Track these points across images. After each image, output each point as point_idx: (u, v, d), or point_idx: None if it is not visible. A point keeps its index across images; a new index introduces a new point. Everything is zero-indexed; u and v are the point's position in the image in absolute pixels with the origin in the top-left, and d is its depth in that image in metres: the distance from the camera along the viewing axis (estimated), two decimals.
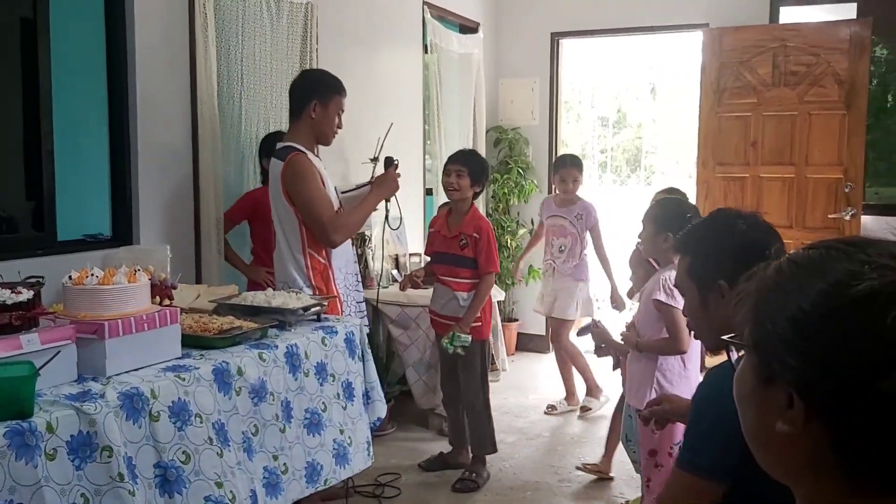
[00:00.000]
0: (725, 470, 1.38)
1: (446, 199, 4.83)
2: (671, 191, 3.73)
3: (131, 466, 1.94)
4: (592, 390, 4.90)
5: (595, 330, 3.21)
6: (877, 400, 0.66)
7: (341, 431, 2.75)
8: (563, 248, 4.89)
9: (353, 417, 2.83)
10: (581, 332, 3.49)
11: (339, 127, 3.25)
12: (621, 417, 3.80)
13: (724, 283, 1.56)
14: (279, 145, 3.19)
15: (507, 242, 6.08)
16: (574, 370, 4.94)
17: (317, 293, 3.13)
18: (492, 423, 3.90)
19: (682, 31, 6.06)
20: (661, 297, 2.94)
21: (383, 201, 3.38)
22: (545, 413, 4.87)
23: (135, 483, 1.93)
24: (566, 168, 4.88)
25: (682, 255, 1.69)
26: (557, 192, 5.04)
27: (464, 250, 3.77)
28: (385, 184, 3.31)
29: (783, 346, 0.73)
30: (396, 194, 3.43)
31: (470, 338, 3.71)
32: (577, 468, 3.91)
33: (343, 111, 3.24)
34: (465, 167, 3.78)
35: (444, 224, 3.91)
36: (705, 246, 1.64)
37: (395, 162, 3.37)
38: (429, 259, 4.07)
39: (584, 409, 4.86)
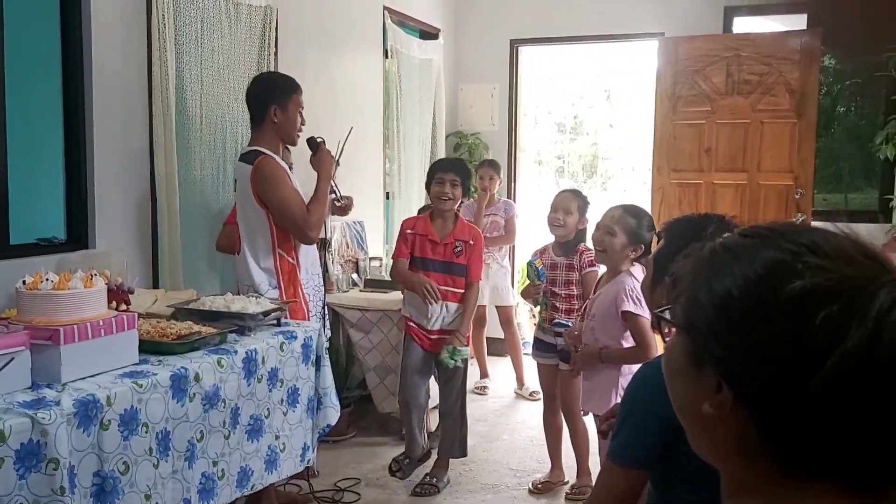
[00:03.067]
0: (642, 458, 1.43)
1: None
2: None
3: (72, 477, 1.93)
4: (518, 382, 5.41)
5: (568, 332, 3.24)
6: (805, 395, 0.67)
7: (276, 437, 2.76)
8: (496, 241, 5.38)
9: (292, 424, 2.83)
10: (557, 327, 3.58)
11: (303, 124, 3.29)
12: (553, 426, 3.84)
13: (668, 280, 1.62)
14: (245, 149, 3.24)
15: None
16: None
17: (284, 294, 3.14)
18: (465, 429, 3.90)
19: (638, 39, 6.15)
20: (630, 307, 2.92)
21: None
22: (474, 391, 5.25)
23: (73, 495, 1.92)
24: (484, 168, 5.39)
25: (661, 235, 1.75)
26: (478, 191, 5.36)
27: (459, 258, 3.72)
28: (325, 164, 3.29)
29: (713, 334, 0.74)
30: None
31: (469, 349, 3.78)
32: (531, 491, 3.83)
33: (303, 108, 3.27)
34: (459, 177, 3.74)
35: (429, 229, 3.76)
36: (674, 238, 1.69)
37: (319, 140, 3.34)
38: (402, 258, 3.80)
39: (482, 388, 5.41)
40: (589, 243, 3.66)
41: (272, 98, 3.18)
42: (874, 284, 0.68)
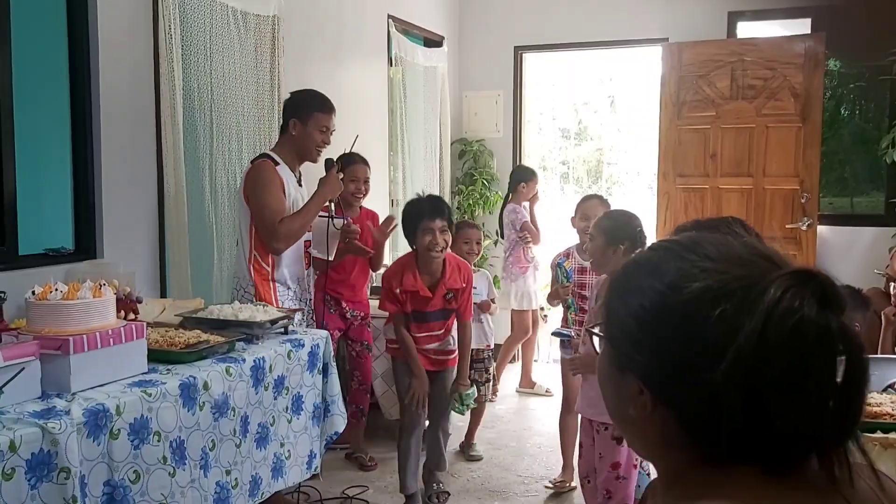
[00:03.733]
0: None
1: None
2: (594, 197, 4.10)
3: (83, 486, 1.93)
4: (526, 379, 5.50)
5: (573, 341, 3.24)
6: (712, 389, 0.72)
7: (281, 445, 2.76)
8: (530, 246, 5.37)
9: (297, 431, 2.84)
10: (559, 336, 3.66)
11: (325, 143, 3.34)
12: (568, 426, 3.84)
13: None
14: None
15: None
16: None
17: (255, 297, 3.19)
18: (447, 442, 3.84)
19: (641, 45, 6.16)
20: None
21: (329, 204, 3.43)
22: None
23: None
24: (537, 177, 5.42)
25: None
26: (523, 199, 5.35)
27: (451, 304, 3.53)
28: (328, 185, 3.32)
29: (630, 342, 0.81)
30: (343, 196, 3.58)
31: (474, 389, 3.75)
32: (546, 486, 3.88)
33: (327, 128, 3.32)
34: (447, 221, 3.43)
35: (418, 284, 3.43)
36: None
37: (336, 164, 3.39)
38: (399, 314, 3.53)
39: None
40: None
41: (294, 111, 3.31)
42: (765, 281, 0.73)
